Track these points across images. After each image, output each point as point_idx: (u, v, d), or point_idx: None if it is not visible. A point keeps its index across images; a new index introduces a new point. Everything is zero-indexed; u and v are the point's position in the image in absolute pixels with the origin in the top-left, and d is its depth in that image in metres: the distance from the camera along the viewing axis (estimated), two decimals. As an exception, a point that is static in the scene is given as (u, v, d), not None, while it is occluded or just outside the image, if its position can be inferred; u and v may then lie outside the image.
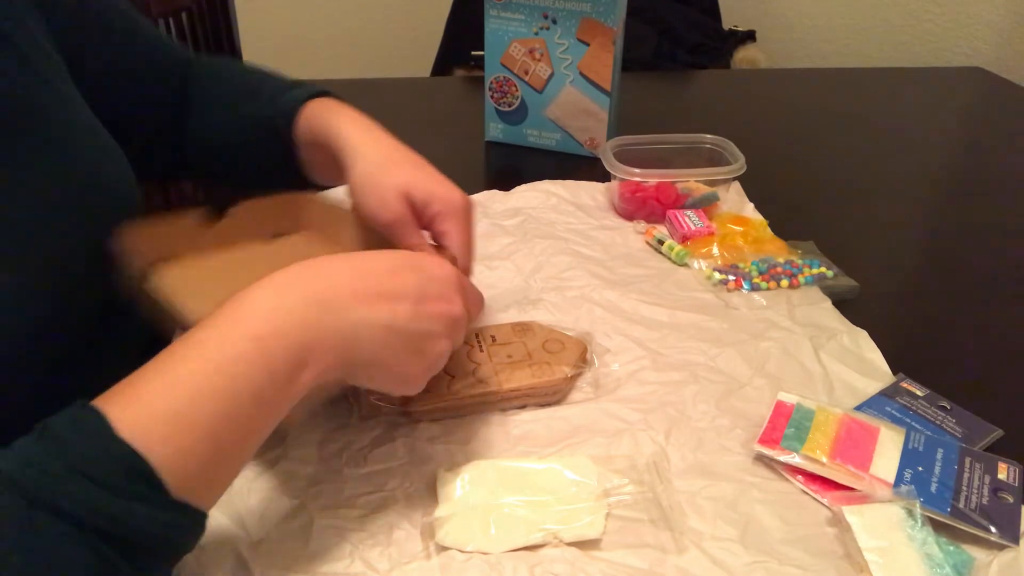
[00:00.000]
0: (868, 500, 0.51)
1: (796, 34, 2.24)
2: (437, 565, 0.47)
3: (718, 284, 0.74)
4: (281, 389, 0.42)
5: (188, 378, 0.39)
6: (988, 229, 0.88)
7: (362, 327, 0.45)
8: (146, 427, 0.37)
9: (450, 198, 0.59)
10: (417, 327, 0.47)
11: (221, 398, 0.39)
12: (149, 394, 0.38)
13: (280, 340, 0.41)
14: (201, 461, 0.39)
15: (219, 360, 0.40)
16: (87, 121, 0.57)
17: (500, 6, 0.94)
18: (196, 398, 0.39)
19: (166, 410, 0.38)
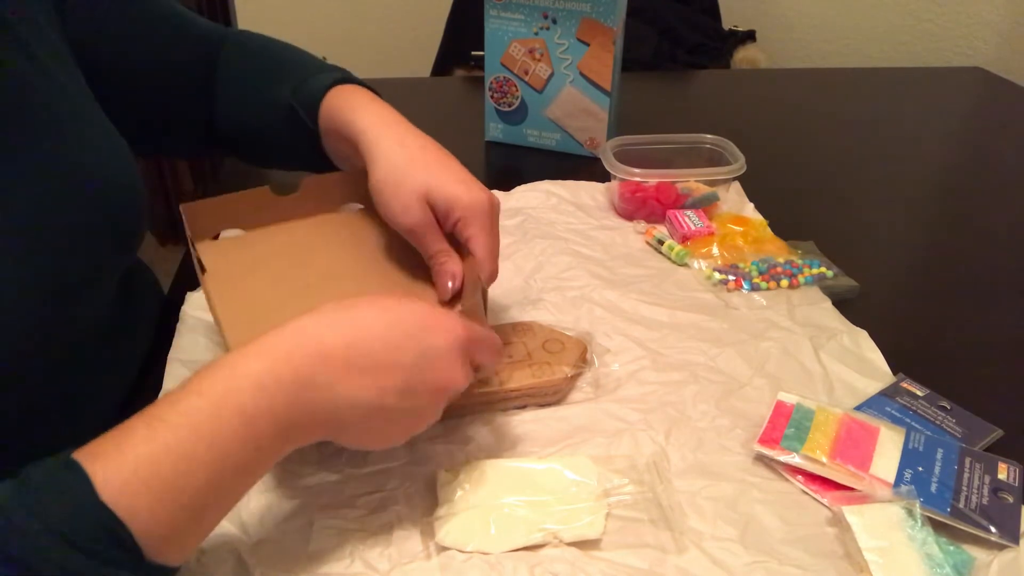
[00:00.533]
0: (868, 500, 0.51)
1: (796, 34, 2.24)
2: (437, 565, 0.47)
3: (718, 284, 0.74)
4: (264, 460, 0.43)
5: (177, 448, 0.39)
6: (988, 229, 0.88)
7: (348, 408, 0.44)
8: (131, 495, 0.37)
9: (472, 203, 0.57)
10: (406, 405, 0.46)
11: (208, 471, 0.39)
12: (136, 460, 0.38)
13: (269, 419, 0.41)
14: (181, 529, 0.39)
15: (209, 435, 0.40)
16: (91, 115, 0.57)
17: (500, 6, 0.94)
18: (184, 470, 0.39)
19: (152, 479, 0.38)
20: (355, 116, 0.62)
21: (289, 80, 0.68)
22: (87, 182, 0.53)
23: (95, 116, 0.57)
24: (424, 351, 0.46)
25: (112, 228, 0.55)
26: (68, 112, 0.54)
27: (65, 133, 0.53)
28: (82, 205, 0.52)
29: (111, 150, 0.57)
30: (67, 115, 0.54)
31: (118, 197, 0.56)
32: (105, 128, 0.58)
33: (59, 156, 0.52)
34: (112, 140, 0.58)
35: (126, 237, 0.58)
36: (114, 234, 0.56)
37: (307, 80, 0.67)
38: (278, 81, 0.69)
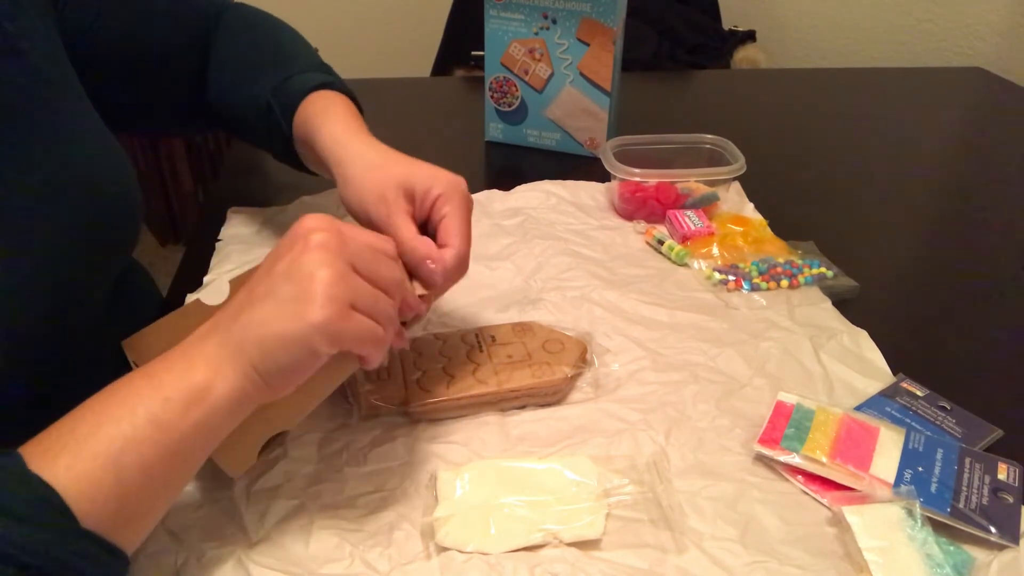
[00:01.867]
0: (868, 500, 0.51)
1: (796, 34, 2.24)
2: (437, 565, 0.47)
3: (718, 284, 0.74)
4: (180, 413, 0.42)
5: (91, 413, 0.41)
6: (988, 229, 0.88)
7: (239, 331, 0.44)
8: (51, 458, 0.38)
9: (451, 182, 0.57)
10: (280, 287, 0.44)
11: (119, 423, 0.40)
12: (59, 430, 0.40)
13: (169, 370, 0.43)
14: (106, 489, 0.39)
15: (112, 393, 0.42)
16: (86, 119, 0.57)
17: (500, 6, 0.94)
18: (96, 427, 0.40)
19: (70, 441, 0.39)
20: (324, 123, 0.63)
21: (270, 78, 0.68)
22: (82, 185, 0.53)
23: (90, 120, 0.57)
24: (282, 246, 0.46)
25: (107, 230, 0.55)
26: (63, 116, 0.54)
27: (60, 136, 0.53)
28: (77, 208, 0.52)
29: (106, 153, 0.57)
30: (62, 119, 0.54)
31: (113, 200, 0.56)
32: (100, 131, 0.58)
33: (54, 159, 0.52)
34: (107, 143, 0.58)
35: (122, 239, 0.58)
36: (109, 236, 0.56)
37: (289, 80, 0.67)
38: (262, 74, 0.69)
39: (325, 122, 0.63)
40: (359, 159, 0.59)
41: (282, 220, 0.83)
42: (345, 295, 0.44)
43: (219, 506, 0.51)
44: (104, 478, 0.39)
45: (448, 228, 0.55)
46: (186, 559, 0.48)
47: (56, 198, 0.51)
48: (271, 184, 0.82)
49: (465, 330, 0.64)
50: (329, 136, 0.62)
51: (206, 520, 0.50)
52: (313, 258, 0.44)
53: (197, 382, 0.42)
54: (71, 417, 0.41)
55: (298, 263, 0.44)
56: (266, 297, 0.44)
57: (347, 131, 0.62)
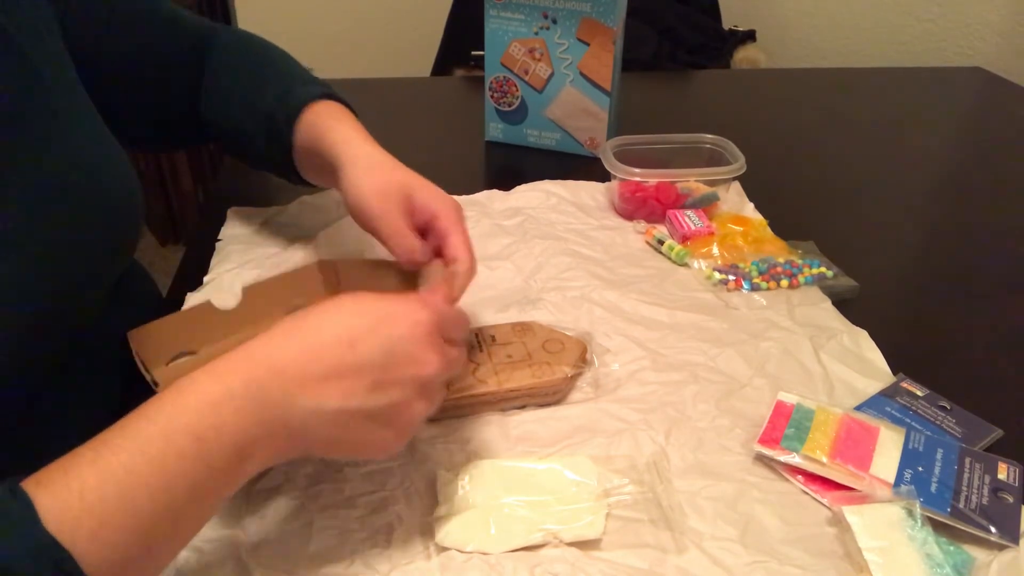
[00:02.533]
0: (868, 500, 0.51)
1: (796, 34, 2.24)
2: (437, 565, 0.47)
3: (718, 284, 0.74)
4: (221, 482, 0.40)
5: (121, 472, 0.37)
6: (988, 229, 0.88)
7: (310, 415, 0.42)
8: (74, 520, 0.35)
9: (452, 204, 0.59)
10: (377, 402, 0.43)
11: (155, 494, 0.38)
12: (81, 485, 0.36)
13: (219, 436, 0.39)
14: (129, 556, 0.37)
15: (155, 456, 0.38)
16: (89, 122, 0.57)
17: (500, 6, 0.94)
18: (129, 494, 0.37)
19: (98, 504, 0.36)
20: (333, 127, 0.64)
21: (272, 88, 0.69)
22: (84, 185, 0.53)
23: (93, 122, 0.57)
24: (389, 343, 0.44)
25: (109, 230, 0.55)
26: (64, 116, 0.54)
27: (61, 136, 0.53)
28: (78, 207, 0.52)
29: (108, 153, 0.57)
30: (63, 119, 0.54)
31: (115, 200, 0.56)
32: (102, 132, 0.58)
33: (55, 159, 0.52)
34: (109, 143, 0.58)
35: (123, 239, 0.58)
36: (111, 236, 0.56)
37: (290, 91, 0.68)
38: (261, 88, 0.70)
39: (335, 126, 0.64)
40: (366, 159, 0.61)
41: (282, 220, 0.83)
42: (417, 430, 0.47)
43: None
44: (131, 547, 0.37)
45: (455, 244, 0.58)
46: (186, 559, 0.48)
47: (57, 198, 0.51)
48: (271, 184, 0.82)
49: (465, 330, 0.64)
50: (339, 138, 0.63)
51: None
52: (414, 395, 0.44)
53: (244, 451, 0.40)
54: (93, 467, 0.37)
55: (401, 385, 0.44)
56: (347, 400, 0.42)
57: (356, 136, 0.63)
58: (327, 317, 0.44)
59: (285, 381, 0.41)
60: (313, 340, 0.43)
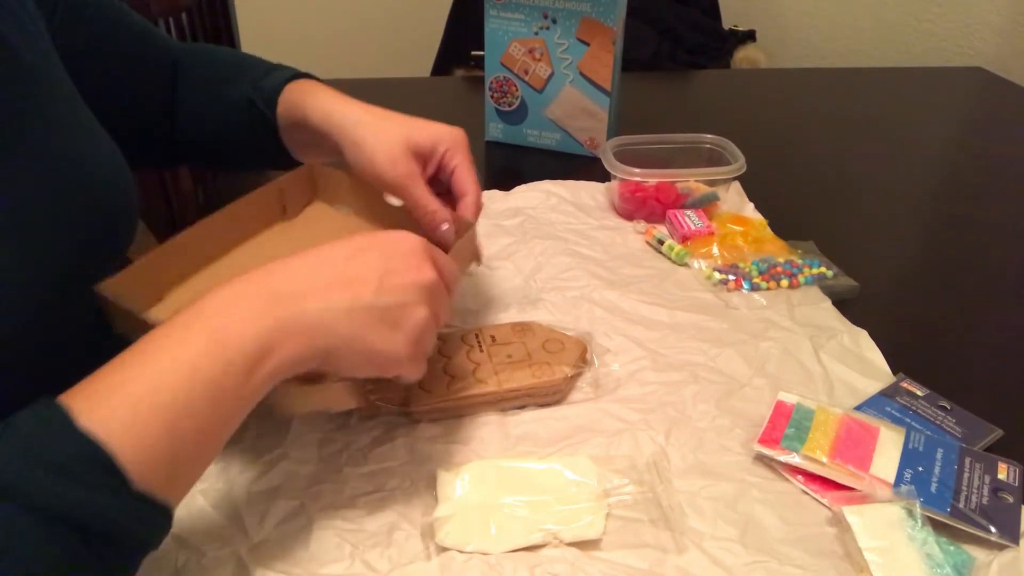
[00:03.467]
0: (868, 500, 0.51)
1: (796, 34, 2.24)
2: (437, 566, 0.47)
3: (718, 284, 0.74)
4: (240, 379, 0.42)
5: (144, 371, 0.40)
6: (988, 229, 0.88)
7: (323, 313, 0.44)
8: (105, 417, 0.37)
9: (454, 134, 0.63)
10: (384, 301, 0.46)
11: (178, 388, 0.40)
12: (108, 387, 0.39)
13: (234, 332, 0.42)
14: (161, 452, 0.39)
15: (175, 354, 0.40)
16: (82, 117, 0.57)
17: (500, 6, 0.94)
18: (154, 390, 0.39)
19: (125, 401, 0.38)
20: (315, 100, 0.65)
21: (245, 80, 0.70)
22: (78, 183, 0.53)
23: (86, 118, 0.57)
24: (387, 255, 0.48)
25: (104, 228, 0.55)
26: (59, 113, 0.54)
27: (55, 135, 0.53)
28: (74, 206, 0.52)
29: (101, 151, 0.57)
30: (58, 116, 0.54)
31: (109, 196, 0.56)
32: (96, 130, 0.58)
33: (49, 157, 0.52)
34: (102, 141, 0.58)
35: (118, 237, 0.58)
36: (106, 234, 0.56)
37: (266, 75, 0.69)
38: (235, 81, 0.71)
39: (314, 98, 0.65)
40: (359, 125, 0.62)
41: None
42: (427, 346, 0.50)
43: (219, 506, 0.51)
44: (160, 441, 0.39)
45: (461, 178, 0.62)
46: (187, 560, 0.48)
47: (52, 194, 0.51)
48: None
49: (465, 330, 0.64)
50: (320, 108, 0.64)
51: (206, 521, 0.50)
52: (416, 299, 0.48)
53: (260, 348, 0.42)
54: (120, 370, 0.40)
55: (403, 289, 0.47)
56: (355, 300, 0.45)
57: (337, 100, 0.64)
58: (325, 246, 0.48)
59: (297, 284, 0.45)
60: (317, 257, 0.47)
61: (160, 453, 0.39)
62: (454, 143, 0.63)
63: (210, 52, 0.76)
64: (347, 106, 0.64)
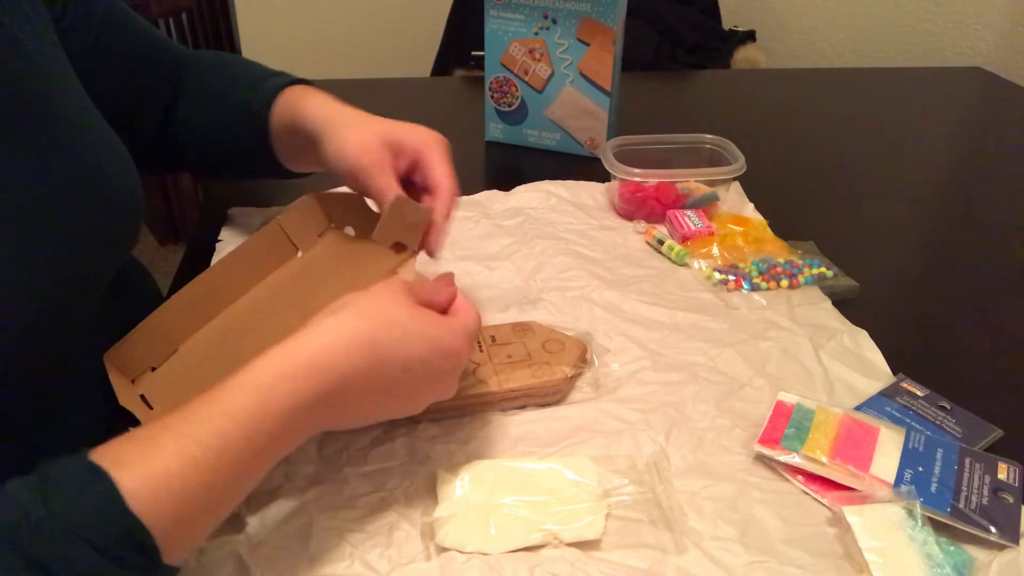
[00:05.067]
0: (868, 500, 0.51)
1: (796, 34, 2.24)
2: (437, 566, 0.47)
3: (718, 284, 0.74)
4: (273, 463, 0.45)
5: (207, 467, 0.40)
6: (988, 228, 0.88)
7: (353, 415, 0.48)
8: (158, 507, 0.38)
9: (431, 136, 0.62)
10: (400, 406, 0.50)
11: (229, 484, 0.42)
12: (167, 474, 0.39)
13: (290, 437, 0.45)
14: (198, 534, 0.42)
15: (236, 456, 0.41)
16: (90, 118, 0.57)
17: (500, 6, 0.94)
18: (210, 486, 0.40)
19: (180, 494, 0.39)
20: (308, 102, 0.65)
21: (244, 81, 0.71)
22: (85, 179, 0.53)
23: (93, 116, 0.57)
24: (433, 374, 0.49)
25: (110, 226, 0.55)
26: (65, 112, 0.54)
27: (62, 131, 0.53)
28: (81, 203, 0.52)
29: (109, 148, 0.57)
30: (64, 115, 0.54)
31: (117, 195, 0.56)
32: (103, 127, 0.58)
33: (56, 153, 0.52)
34: (109, 138, 0.58)
35: (123, 235, 0.58)
36: (111, 232, 0.56)
37: (264, 81, 0.70)
38: (235, 86, 0.71)
39: (309, 101, 0.65)
40: (341, 120, 0.63)
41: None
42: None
43: (219, 506, 0.51)
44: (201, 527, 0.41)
45: (437, 172, 0.61)
46: (187, 560, 0.47)
47: (59, 191, 0.51)
48: (271, 184, 0.82)
49: (465, 330, 0.64)
50: (312, 109, 0.64)
51: (206, 520, 0.50)
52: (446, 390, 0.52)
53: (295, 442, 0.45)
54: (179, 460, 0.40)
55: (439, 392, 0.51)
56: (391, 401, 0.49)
57: (330, 103, 0.65)
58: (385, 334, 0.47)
59: (348, 393, 0.46)
60: (378, 364, 0.47)
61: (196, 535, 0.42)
62: (432, 142, 0.62)
63: (213, 58, 0.76)
64: (337, 108, 0.64)
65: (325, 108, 0.64)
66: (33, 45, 0.53)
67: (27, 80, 0.52)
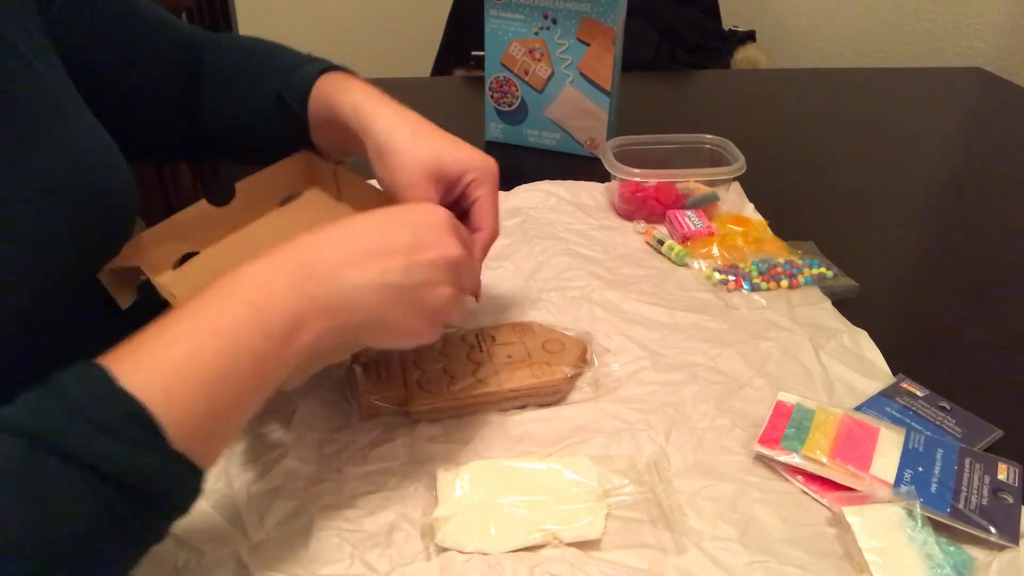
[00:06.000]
0: (868, 500, 0.51)
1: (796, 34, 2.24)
2: (437, 566, 0.47)
3: (718, 284, 0.74)
4: (278, 350, 0.43)
5: (187, 336, 0.40)
6: (988, 229, 0.88)
7: (353, 290, 0.45)
8: (146, 378, 0.38)
9: (484, 163, 0.60)
10: (412, 279, 0.47)
11: (220, 354, 0.40)
12: (149, 350, 0.40)
13: (275, 304, 0.43)
14: (200, 414, 0.39)
15: (216, 321, 0.41)
16: (79, 113, 0.57)
17: (500, 6, 0.94)
18: (195, 354, 0.40)
19: (166, 363, 0.39)
20: (347, 95, 0.63)
21: (275, 74, 0.68)
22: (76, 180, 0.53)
23: (83, 114, 0.57)
24: (415, 228, 0.48)
25: (103, 225, 0.55)
26: (56, 110, 0.54)
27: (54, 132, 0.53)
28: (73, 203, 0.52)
29: (100, 149, 0.57)
30: (54, 113, 0.54)
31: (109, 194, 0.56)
32: (95, 127, 0.58)
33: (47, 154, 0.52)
34: (102, 139, 0.57)
35: (116, 236, 0.58)
36: (104, 233, 0.56)
37: (296, 71, 0.67)
38: (264, 76, 0.69)
39: (346, 95, 0.62)
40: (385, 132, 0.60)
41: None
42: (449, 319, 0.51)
43: (219, 506, 0.51)
44: (198, 405, 0.39)
45: (481, 212, 0.60)
46: (186, 560, 0.48)
47: (50, 190, 0.51)
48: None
49: (465, 330, 0.64)
50: (351, 107, 0.61)
51: (206, 521, 0.50)
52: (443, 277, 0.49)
53: (296, 322, 0.43)
54: (161, 335, 0.40)
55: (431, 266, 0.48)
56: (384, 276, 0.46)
57: (369, 99, 0.62)
58: (355, 218, 0.49)
59: (328, 259, 0.46)
60: (348, 230, 0.48)
61: (198, 416, 0.39)
62: (483, 174, 0.59)
63: (239, 43, 0.74)
64: (378, 106, 0.61)
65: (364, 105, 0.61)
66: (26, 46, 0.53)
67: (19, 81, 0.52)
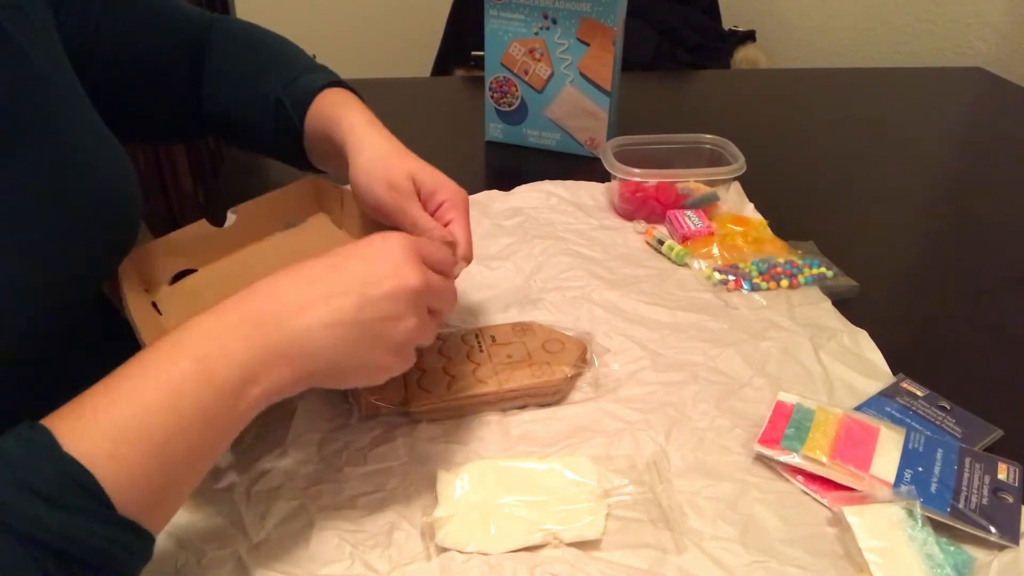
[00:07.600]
0: (868, 500, 0.51)
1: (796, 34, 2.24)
2: (437, 566, 0.47)
3: (718, 284, 0.74)
4: (229, 406, 0.41)
5: (133, 394, 0.39)
6: (987, 229, 0.88)
7: (306, 335, 0.44)
8: (91, 441, 0.37)
9: (455, 189, 0.61)
10: (366, 315, 0.45)
11: (168, 413, 0.39)
12: (95, 410, 0.38)
13: (224, 359, 0.41)
14: (148, 476, 0.38)
15: (164, 378, 0.40)
16: (87, 119, 0.57)
17: (500, 6, 0.94)
18: (142, 414, 0.38)
19: (112, 425, 0.38)
20: (344, 114, 0.64)
21: (278, 75, 0.69)
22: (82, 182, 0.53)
23: (91, 119, 0.57)
24: (368, 263, 0.47)
25: (106, 228, 0.55)
26: (63, 113, 0.54)
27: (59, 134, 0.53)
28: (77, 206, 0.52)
29: (106, 151, 0.57)
30: (61, 116, 0.54)
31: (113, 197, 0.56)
32: (100, 130, 0.58)
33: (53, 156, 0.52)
34: (107, 142, 0.58)
35: (120, 238, 0.58)
36: (108, 234, 0.56)
37: (298, 78, 0.68)
38: (266, 75, 0.70)
39: (346, 114, 0.64)
40: (373, 147, 0.62)
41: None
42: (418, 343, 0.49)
43: (219, 507, 0.51)
44: (145, 467, 0.38)
45: (455, 230, 0.59)
46: (186, 560, 0.48)
47: (55, 194, 0.51)
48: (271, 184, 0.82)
49: (465, 330, 0.64)
50: (349, 126, 0.63)
51: (206, 521, 0.50)
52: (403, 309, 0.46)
53: (245, 376, 0.42)
54: (106, 393, 0.39)
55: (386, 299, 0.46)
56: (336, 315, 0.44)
57: (367, 123, 0.64)
58: (307, 262, 0.47)
59: (279, 305, 0.44)
60: (298, 273, 0.46)
61: (146, 478, 0.38)
62: (456, 198, 0.60)
63: (247, 34, 0.75)
64: (369, 130, 0.63)
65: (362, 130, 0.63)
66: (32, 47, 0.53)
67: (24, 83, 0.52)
